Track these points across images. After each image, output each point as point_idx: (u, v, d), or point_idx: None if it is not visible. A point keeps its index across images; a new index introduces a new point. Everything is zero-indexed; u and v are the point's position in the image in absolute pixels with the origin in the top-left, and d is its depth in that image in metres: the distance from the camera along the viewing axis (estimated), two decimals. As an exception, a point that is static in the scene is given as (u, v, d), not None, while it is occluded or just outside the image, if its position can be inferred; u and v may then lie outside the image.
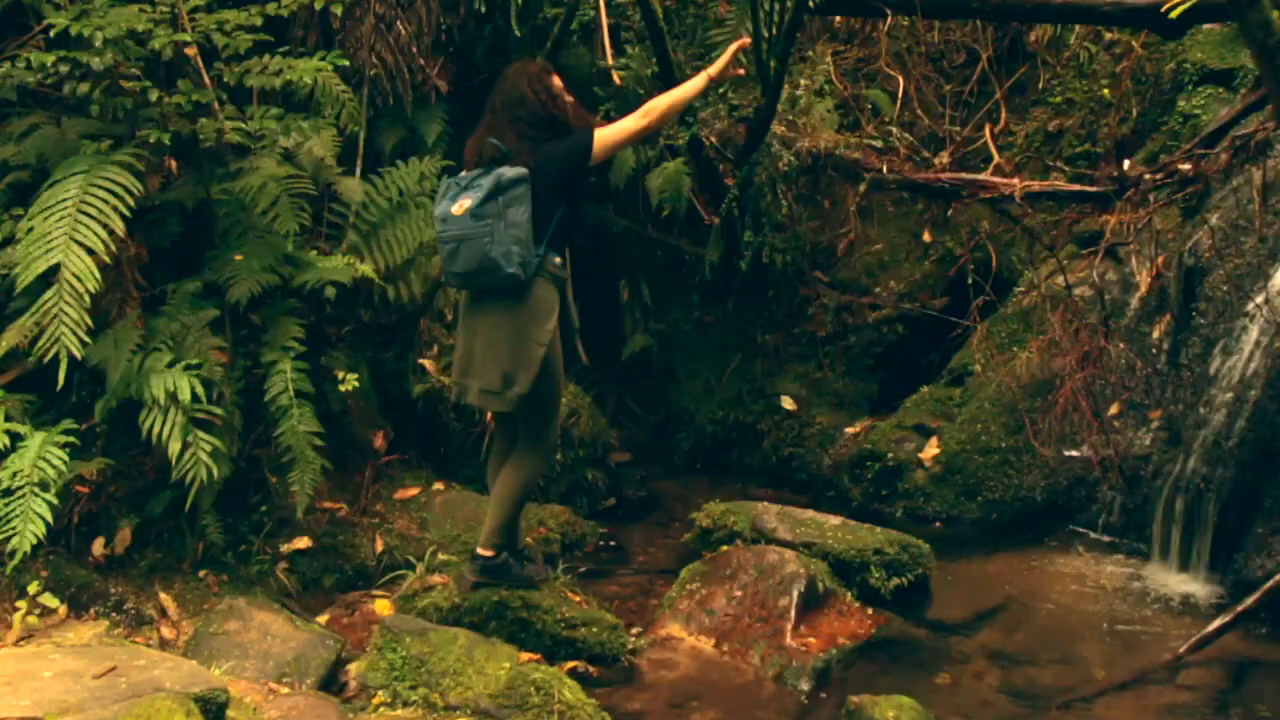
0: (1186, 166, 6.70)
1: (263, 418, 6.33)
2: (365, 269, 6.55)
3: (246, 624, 5.66)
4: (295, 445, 6.10)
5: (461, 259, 5.54)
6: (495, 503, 5.93)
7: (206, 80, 6.21)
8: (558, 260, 5.72)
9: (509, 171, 5.52)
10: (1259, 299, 6.72)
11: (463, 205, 5.52)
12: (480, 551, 5.93)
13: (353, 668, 5.49)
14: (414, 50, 7.86)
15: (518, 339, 5.63)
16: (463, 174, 5.69)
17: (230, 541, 6.28)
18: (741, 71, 6.26)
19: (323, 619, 6.16)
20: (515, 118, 5.67)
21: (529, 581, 5.98)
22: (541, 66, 5.87)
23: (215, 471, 5.80)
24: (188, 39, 5.98)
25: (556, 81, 5.81)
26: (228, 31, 6.17)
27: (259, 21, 6.18)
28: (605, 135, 5.73)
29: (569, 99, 5.85)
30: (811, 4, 7.42)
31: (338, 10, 6.51)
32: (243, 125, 6.40)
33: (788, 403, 8.60)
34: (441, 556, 6.58)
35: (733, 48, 6.00)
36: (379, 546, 6.68)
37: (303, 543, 6.48)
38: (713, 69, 5.96)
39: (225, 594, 6.03)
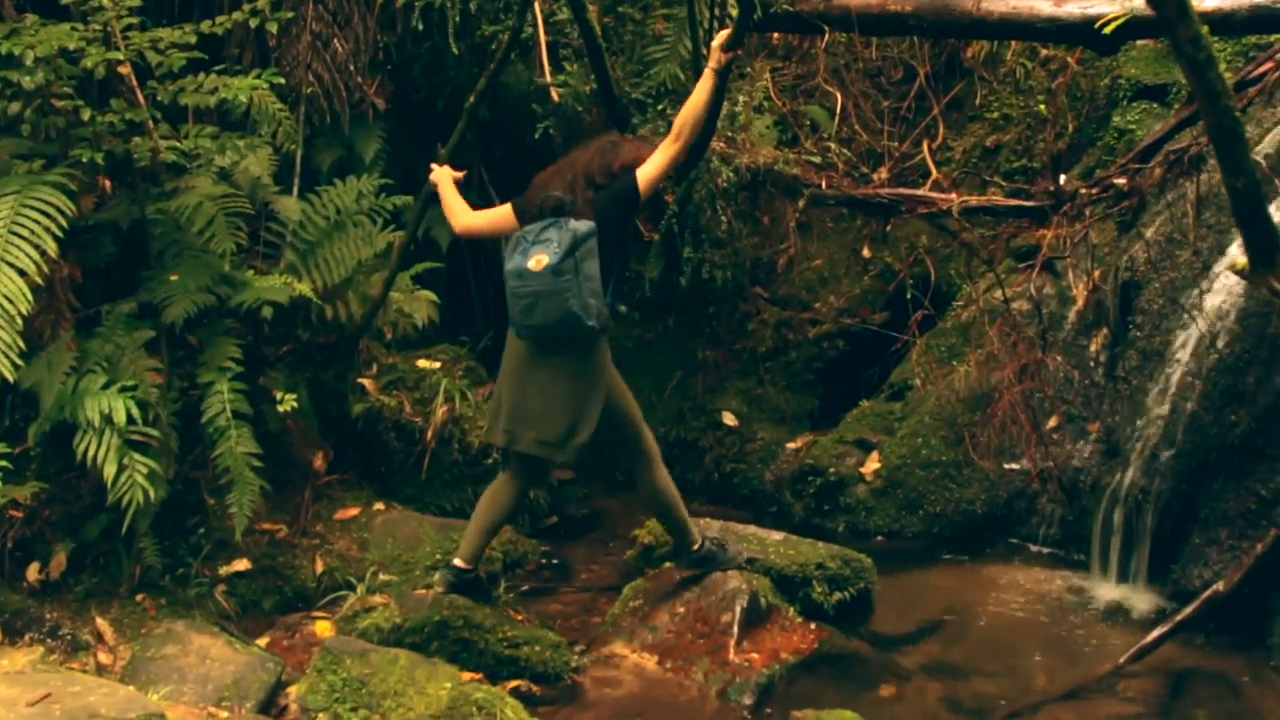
0: (1122, 181, 6.76)
1: (200, 439, 6.27)
2: (303, 288, 6.49)
3: (185, 648, 5.60)
4: (233, 466, 6.04)
5: (539, 313, 5.61)
6: (662, 519, 6.26)
7: (140, 99, 6.14)
8: (620, 309, 5.91)
9: (582, 226, 5.59)
10: (1194, 312, 6.79)
11: (540, 261, 5.55)
12: (690, 549, 6.21)
13: (293, 690, 5.42)
14: (351, 68, 7.82)
15: (585, 391, 5.79)
16: (527, 228, 5.73)
17: (168, 565, 6.21)
18: (739, 52, 6.24)
19: (263, 641, 6.10)
20: (587, 170, 5.80)
21: (734, 561, 6.24)
22: (619, 138, 5.99)
23: (152, 494, 5.73)
24: (120, 57, 5.91)
25: (628, 149, 5.90)
26: (161, 50, 6.11)
27: (193, 39, 6.13)
28: (647, 173, 5.76)
29: (628, 146, 5.94)
30: (750, 21, 7.43)
31: (273, 28, 6.47)
32: (178, 144, 6.33)
33: (729, 419, 8.60)
34: (382, 577, 6.55)
35: (717, 41, 6.00)
36: (319, 568, 6.64)
37: (242, 565, 6.42)
38: (713, 63, 5.94)
39: (163, 618, 5.95)
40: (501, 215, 6.05)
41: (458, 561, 6.00)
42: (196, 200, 6.37)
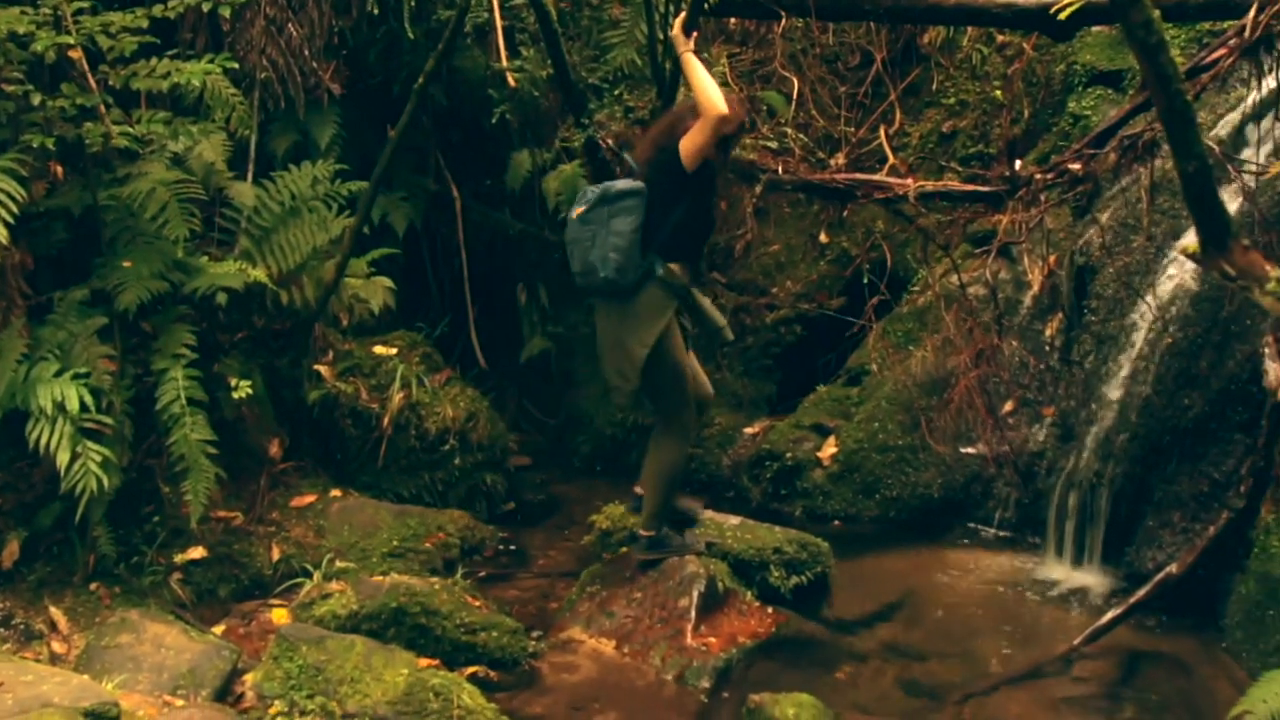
0: (1076, 166, 6.76)
1: (154, 427, 6.22)
2: (258, 274, 6.45)
3: (140, 636, 5.56)
4: (188, 454, 6.01)
5: (574, 260, 6.07)
6: (647, 488, 6.33)
7: (92, 84, 6.09)
8: (674, 267, 5.98)
9: (619, 184, 5.98)
10: (1148, 297, 6.83)
11: (577, 211, 6.05)
12: (641, 532, 6.32)
13: (249, 678, 5.41)
14: (306, 53, 7.77)
15: (623, 340, 6.04)
16: None
17: (122, 553, 6.16)
18: (696, 34, 6.27)
19: (219, 629, 6.07)
20: (656, 135, 6.07)
21: (689, 548, 6.29)
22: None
23: (106, 482, 5.69)
24: (71, 41, 5.86)
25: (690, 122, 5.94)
26: (113, 34, 6.05)
27: (145, 24, 6.07)
28: (685, 146, 5.88)
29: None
30: (706, 6, 7.42)
31: (226, 13, 6.41)
32: (130, 129, 6.27)
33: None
34: (339, 564, 6.52)
35: (676, 29, 6.13)
36: (275, 555, 6.61)
37: (197, 553, 6.38)
38: (682, 47, 6.02)
39: (118, 606, 5.92)
40: None
41: (641, 531, 6.33)
42: (149, 186, 6.32)
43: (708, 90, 5.76)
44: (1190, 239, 5.36)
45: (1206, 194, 4.90)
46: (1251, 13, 6.20)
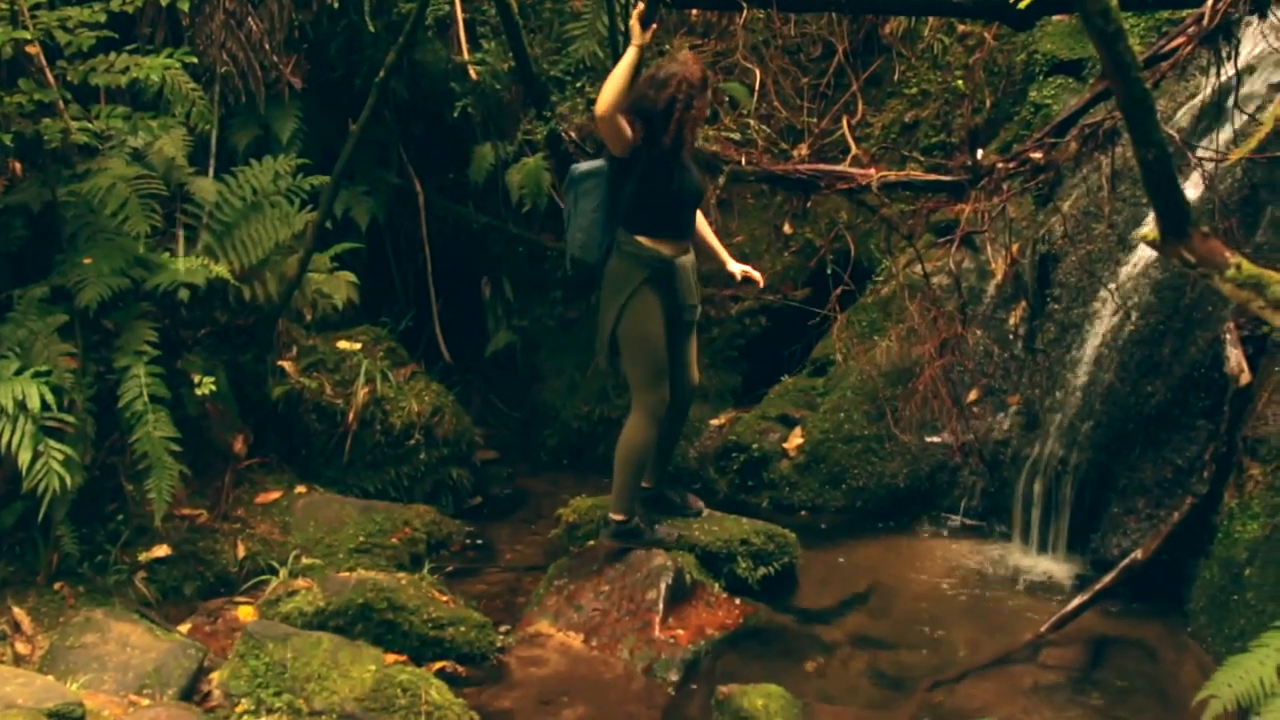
0: (1038, 155, 6.78)
1: (117, 424, 6.20)
2: (220, 270, 6.42)
3: (105, 636, 5.54)
4: (151, 451, 5.98)
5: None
6: (614, 474, 6.32)
7: (50, 79, 6.03)
8: (642, 240, 6.07)
9: (580, 166, 6.27)
10: (1110, 284, 6.86)
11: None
12: (611, 516, 6.34)
13: (215, 676, 5.39)
14: (266, 47, 7.73)
15: (601, 317, 6.23)
16: None
17: (86, 552, 6.14)
18: (655, 26, 6.26)
19: (184, 628, 6.05)
20: None
21: (662, 543, 6.33)
22: (681, 74, 5.98)
23: (68, 481, 5.66)
24: (28, 36, 5.79)
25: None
26: (70, 29, 6.00)
27: (103, 18, 6.03)
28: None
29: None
30: (662, -3, 7.43)
31: (185, 7, 6.39)
32: (89, 125, 6.22)
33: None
34: (305, 560, 6.51)
35: (634, 19, 6.03)
36: (241, 552, 6.59)
37: (162, 551, 6.35)
38: (637, 39, 5.97)
39: (82, 606, 5.89)
40: None
41: (611, 515, 6.36)
42: (109, 182, 6.28)
43: (604, 88, 5.83)
44: (1150, 226, 5.38)
45: (1166, 182, 4.91)
46: (1209, 0, 6.23)
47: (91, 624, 5.61)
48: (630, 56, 5.89)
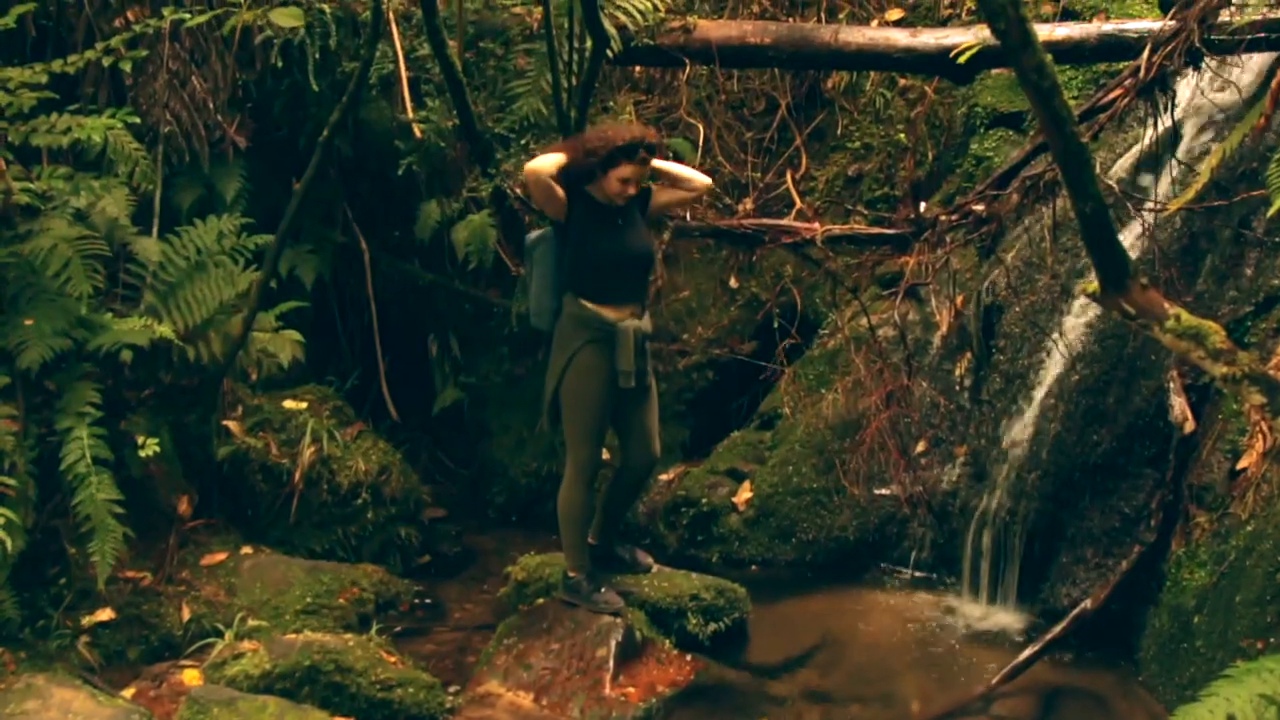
0: (980, 207, 6.85)
1: (59, 487, 6.14)
2: (164, 330, 6.38)
3: (46, 702, 5.45)
4: (94, 514, 5.92)
5: None
6: (561, 533, 6.38)
7: (-10, 140, 6.02)
8: (583, 302, 6.06)
9: (532, 235, 6.34)
10: (1054, 334, 6.91)
11: None
12: (569, 573, 6.36)
13: (159, 743, 5.32)
14: (210, 106, 7.70)
15: (545, 376, 6.25)
16: None
17: (27, 616, 6.06)
18: None
19: (129, 693, 5.94)
20: None
21: (596, 607, 6.23)
22: (609, 136, 5.99)
23: (9, 544, 5.60)
24: (-33, 99, 5.79)
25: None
26: (11, 90, 6.00)
27: (44, 79, 6.03)
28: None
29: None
30: (610, 54, 7.46)
31: (127, 67, 6.36)
32: (31, 185, 6.21)
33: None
34: (251, 622, 6.43)
35: None
36: (186, 615, 6.51)
37: (105, 614, 6.28)
38: None
39: (23, 672, 5.78)
40: None
41: (568, 571, 6.37)
42: (51, 243, 6.25)
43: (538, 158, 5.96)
44: (1092, 279, 5.43)
45: (1104, 234, 4.97)
46: (1145, 53, 6.33)
47: (33, 690, 5.52)
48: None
